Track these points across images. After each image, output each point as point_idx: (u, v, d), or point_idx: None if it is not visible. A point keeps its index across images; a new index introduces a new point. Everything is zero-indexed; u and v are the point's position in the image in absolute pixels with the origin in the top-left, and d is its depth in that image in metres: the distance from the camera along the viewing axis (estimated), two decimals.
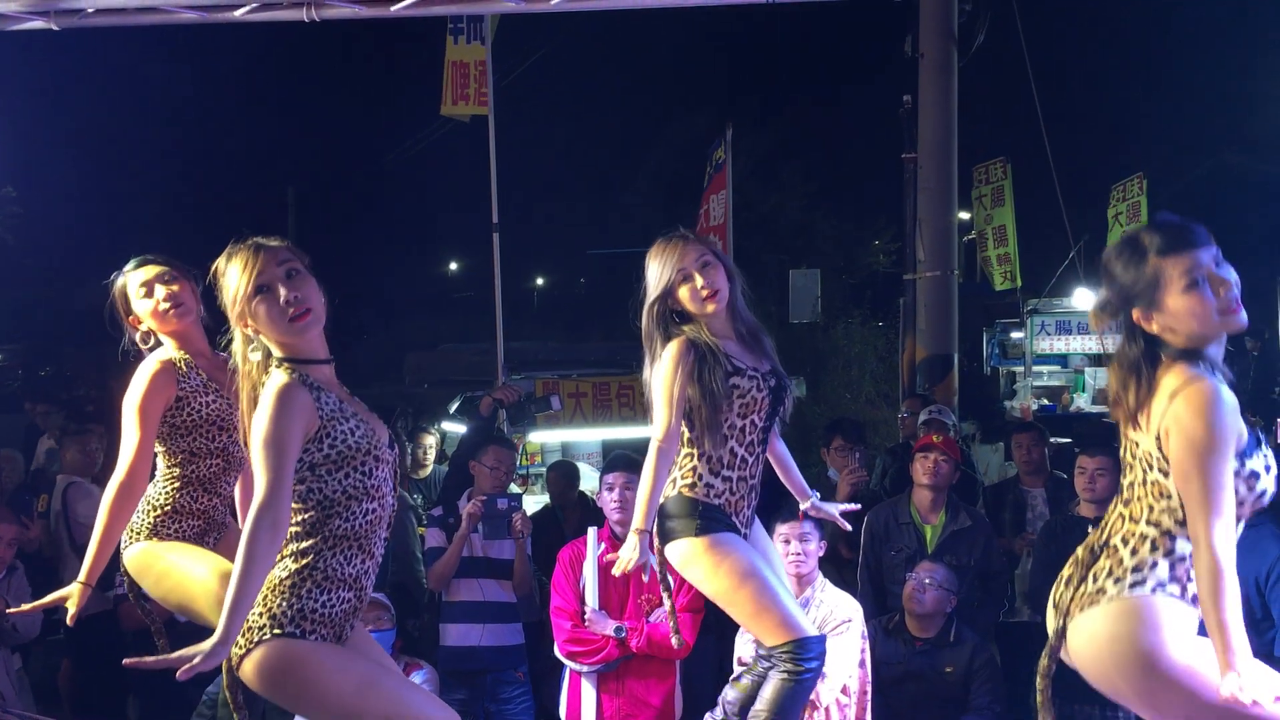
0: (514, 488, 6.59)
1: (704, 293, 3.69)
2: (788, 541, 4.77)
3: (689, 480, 3.72)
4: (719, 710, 4.12)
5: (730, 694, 4.03)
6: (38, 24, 5.25)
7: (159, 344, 3.81)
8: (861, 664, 4.72)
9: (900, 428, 9.26)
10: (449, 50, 9.09)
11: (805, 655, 3.57)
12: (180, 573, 3.60)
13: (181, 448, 3.73)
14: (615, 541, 5.03)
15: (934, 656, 5.14)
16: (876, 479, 7.19)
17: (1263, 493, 2.73)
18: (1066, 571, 2.92)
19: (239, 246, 3.06)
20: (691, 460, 3.73)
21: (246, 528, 2.81)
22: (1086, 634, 2.79)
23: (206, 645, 2.73)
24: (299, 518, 2.97)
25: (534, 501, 7.78)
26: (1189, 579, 2.72)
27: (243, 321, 3.03)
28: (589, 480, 8.17)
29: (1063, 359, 18.31)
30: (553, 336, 19.78)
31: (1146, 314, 2.76)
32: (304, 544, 2.97)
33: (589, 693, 4.92)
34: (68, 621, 3.67)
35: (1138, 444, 2.79)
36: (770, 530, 4.57)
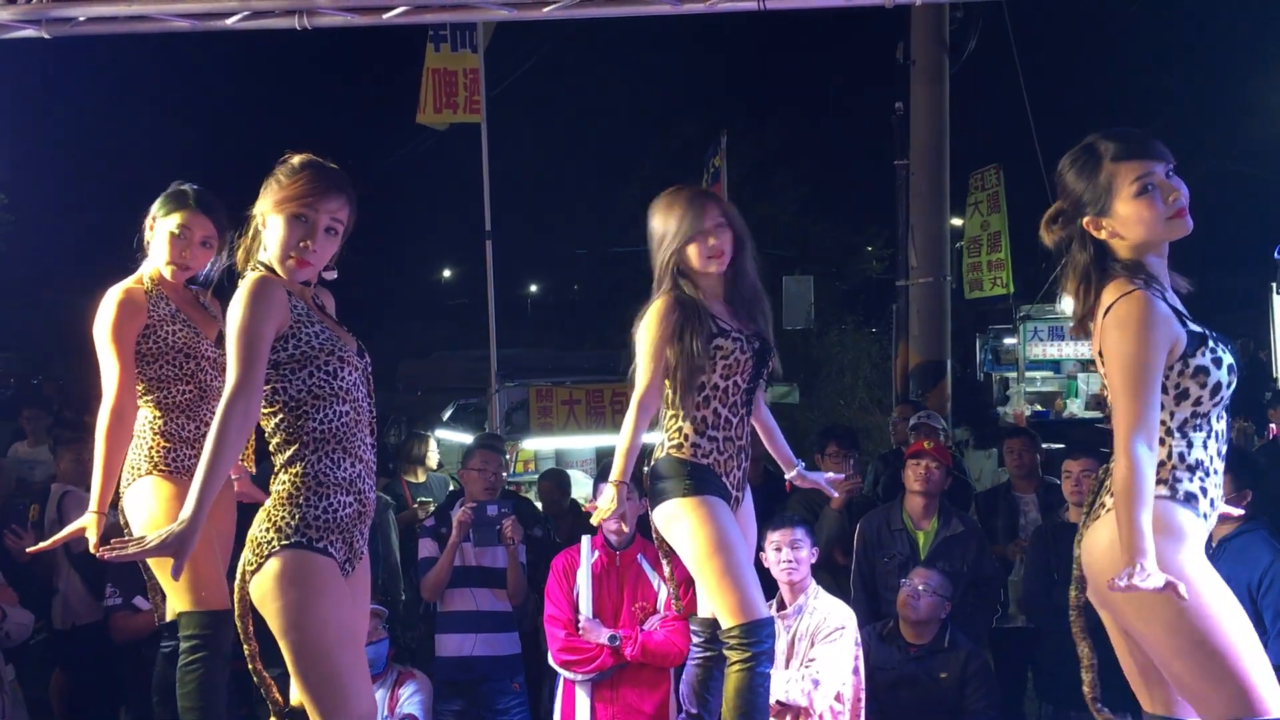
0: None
1: (710, 252, 3.73)
2: (779, 549, 4.77)
3: (676, 441, 3.75)
4: (681, 714, 4.13)
5: (683, 689, 4.05)
6: (29, 32, 5.25)
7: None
8: (855, 671, 4.72)
9: (892, 434, 9.27)
10: (429, 58, 9.10)
11: (752, 639, 3.57)
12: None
13: (148, 375, 3.79)
14: (609, 550, 5.03)
15: (928, 663, 5.13)
16: (869, 485, 7.20)
17: (1218, 384, 2.82)
18: (1085, 505, 3.00)
19: (324, 168, 3.11)
20: (677, 422, 3.76)
21: (218, 415, 2.85)
22: (1090, 545, 2.89)
23: (177, 527, 2.78)
24: (272, 423, 3.02)
25: None
26: (1175, 478, 2.81)
27: (261, 218, 3.08)
28: (582, 487, 8.17)
29: (1055, 365, 18.29)
30: (546, 343, 19.77)
31: (1096, 220, 2.86)
32: (287, 453, 3.01)
33: (583, 701, 4.91)
34: (91, 550, 3.64)
35: (1101, 365, 2.89)
36: (762, 537, 4.58)
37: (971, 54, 10.26)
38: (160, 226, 3.85)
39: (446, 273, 33.76)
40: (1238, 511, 3.33)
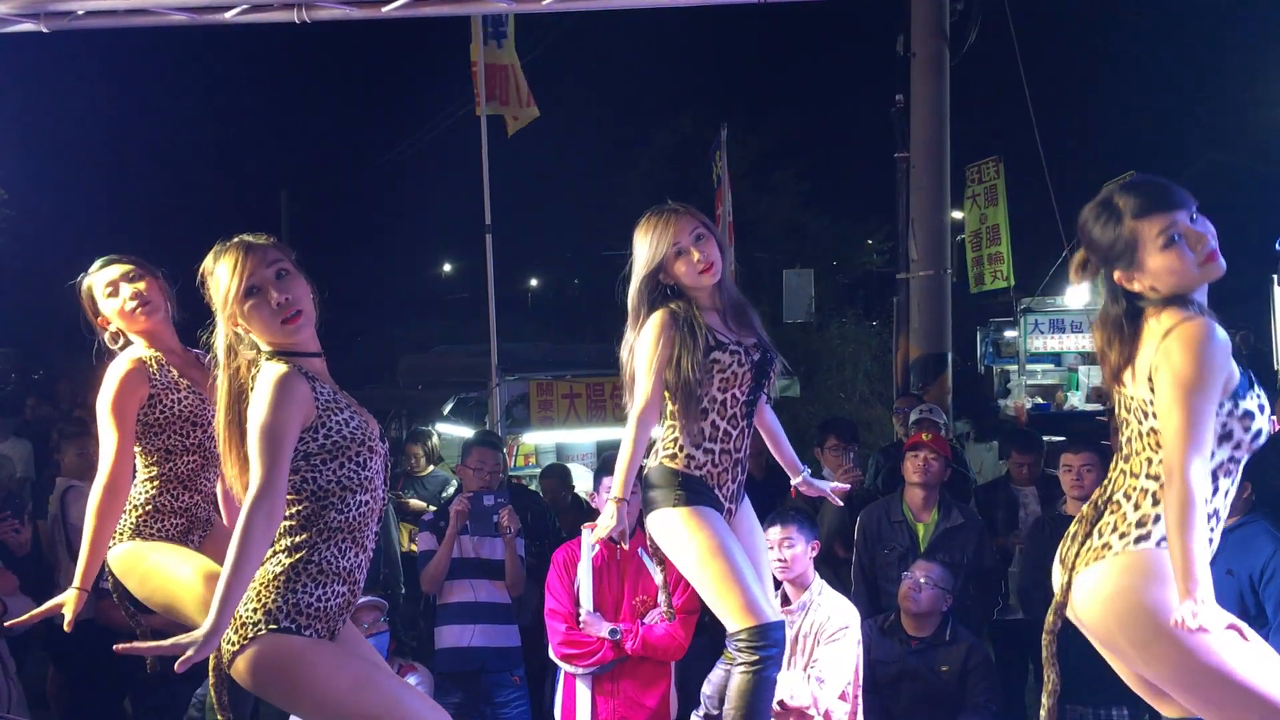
0: None
1: (700, 266, 3.69)
2: (771, 549, 4.75)
3: (670, 451, 3.73)
4: (700, 708, 4.13)
5: (707, 689, 4.05)
6: (28, 26, 5.23)
7: (129, 343, 3.82)
8: (856, 669, 4.72)
9: (895, 423, 9.27)
10: (491, 55, 8.93)
11: (761, 642, 3.54)
12: (164, 574, 3.60)
13: (156, 446, 3.74)
14: (609, 544, 5.03)
15: (929, 656, 5.13)
16: (870, 478, 7.20)
17: (1258, 432, 2.77)
18: (1072, 529, 2.93)
19: (227, 246, 3.04)
20: (673, 432, 3.74)
21: (241, 517, 2.79)
22: (1090, 588, 2.81)
23: (199, 634, 2.72)
24: (293, 510, 2.95)
25: None
26: None
27: (233, 322, 3.01)
28: (584, 481, 8.17)
29: (1056, 357, 18.34)
30: (547, 337, 19.76)
31: (1128, 274, 2.81)
32: (298, 538, 2.94)
33: (584, 695, 4.91)
34: (65, 628, 3.64)
35: (1131, 396, 2.82)
36: None
37: (972, 46, 10.25)
38: (104, 309, 3.79)
39: (447, 267, 33.78)
40: None
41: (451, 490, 7.38)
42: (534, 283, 32.38)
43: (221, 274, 2.99)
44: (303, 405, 2.90)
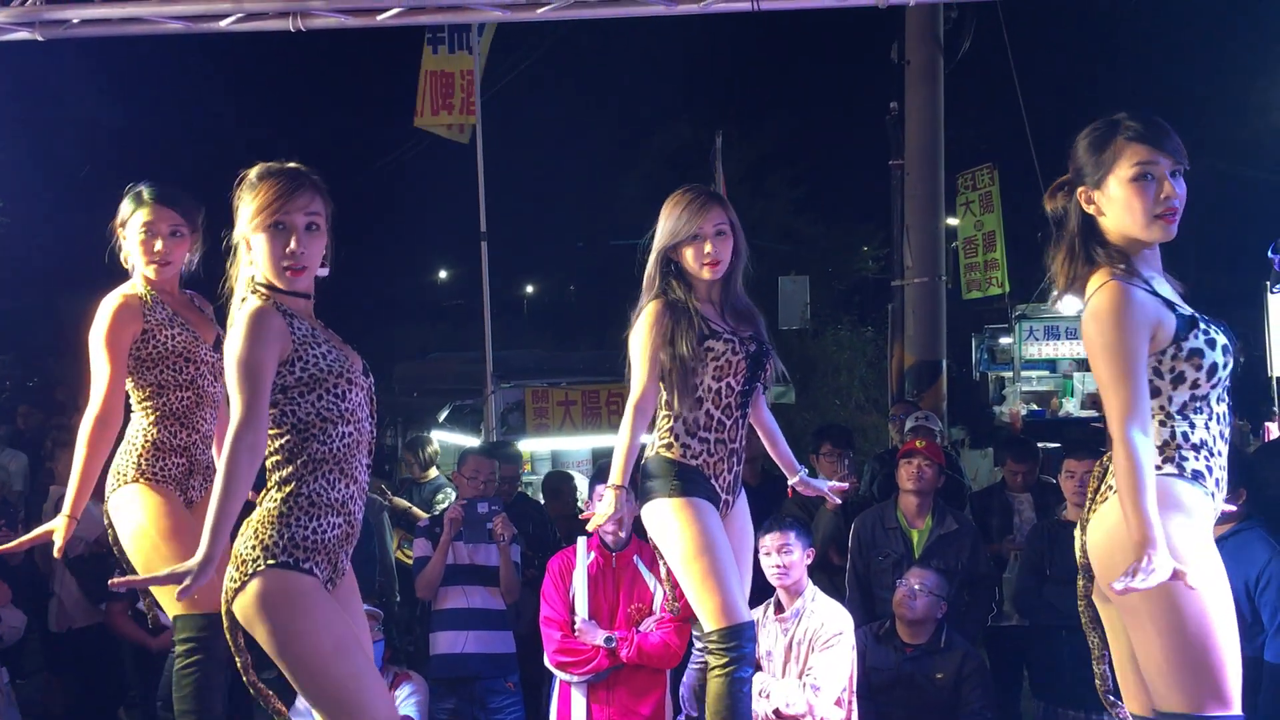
0: None
1: (706, 259, 3.75)
2: (769, 554, 4.76)
3: (666, 441, 3.78)
4: (682, 713, 4.13)
5: (683, 692, 4.04)
6: (23, 35, 5.25)
7: (132, 267, 3.86)
8: (851, 676, 4.72)
9: (890, 430, 9.27)
10: (426, 60, 9.07)
11: (731, 643, 3.58)
12: (150, 543, 3.62)
13: (149, 380, 3.77)
14: (605, 551, 5.04)
15: (924, 663, 5.14)
16: (865, 485, 7.20)
17: (1214, 365, 2.82)
18: (1087, 498, 2.98)
19: (282, 170, 3.06)
20: (669, 422, 3.78)
21: (225, 450, 2.84)
22: (1099, 525, 2.87)
23: (194, 563, 2.76)
24: (276, 444, 2.99)
25: None
26: (1181, 457, 2.81)
27: (244, 241, 3.05)
28: (580, 488, 8.16)
29: (1051, 364, 18.32)
30: (542, 344, 19.76)
31: (1089, 192, 2.88)
32: (285, 471, 2.98)
33: (579, 702, 4.91)
34: (55, 553, 3.70)
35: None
36: (756, 540, 4.58)
37: (966, 54, 10.26)
38: (128, 232, 3.83)
39: (442, 274, 33.71)
40: (1231, 508, 3.32)
41: (440, 497, 7.38)
42: (530, 290, 32.35)
43: (258, 197, 3.00)
44: (278, 338, 2.93)
